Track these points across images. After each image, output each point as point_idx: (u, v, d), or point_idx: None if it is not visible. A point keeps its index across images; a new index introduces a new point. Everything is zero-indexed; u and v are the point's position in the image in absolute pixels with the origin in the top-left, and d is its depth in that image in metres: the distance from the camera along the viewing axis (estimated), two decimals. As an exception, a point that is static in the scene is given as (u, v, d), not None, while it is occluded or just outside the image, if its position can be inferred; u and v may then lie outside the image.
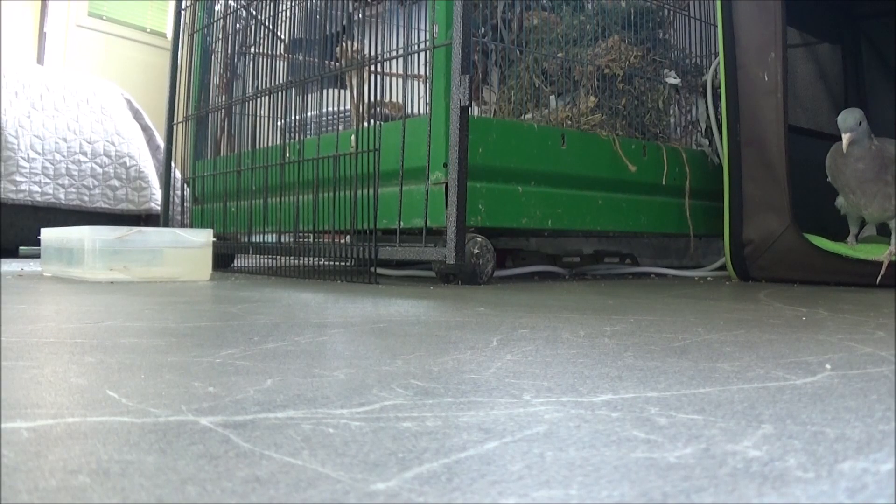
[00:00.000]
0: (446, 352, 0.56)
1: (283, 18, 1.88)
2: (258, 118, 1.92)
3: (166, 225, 2.13)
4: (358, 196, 1.45)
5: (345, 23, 1.72)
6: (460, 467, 0.28)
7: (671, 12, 1.98)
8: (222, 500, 0.24)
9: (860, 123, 1.43)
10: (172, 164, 2.18)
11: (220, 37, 2.11)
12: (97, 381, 0.43)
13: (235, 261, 2.08)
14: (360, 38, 1.59)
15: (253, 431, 0.33)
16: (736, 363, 0.52)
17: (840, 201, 1.56)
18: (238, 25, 2.02)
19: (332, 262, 2.04)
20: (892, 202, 1.46)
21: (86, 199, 2.56)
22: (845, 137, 1.41)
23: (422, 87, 1.56)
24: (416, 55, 1.52)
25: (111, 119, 2.66)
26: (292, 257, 1.68)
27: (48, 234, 1.59)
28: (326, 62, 1.72)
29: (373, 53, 1.50)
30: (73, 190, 2.54)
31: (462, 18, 1.34)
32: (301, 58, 1.75)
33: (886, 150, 1.46)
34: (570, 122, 1.66)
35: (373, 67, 1.51)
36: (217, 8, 2.13)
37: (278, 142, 1.79)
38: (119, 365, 0.49)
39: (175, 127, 2.13)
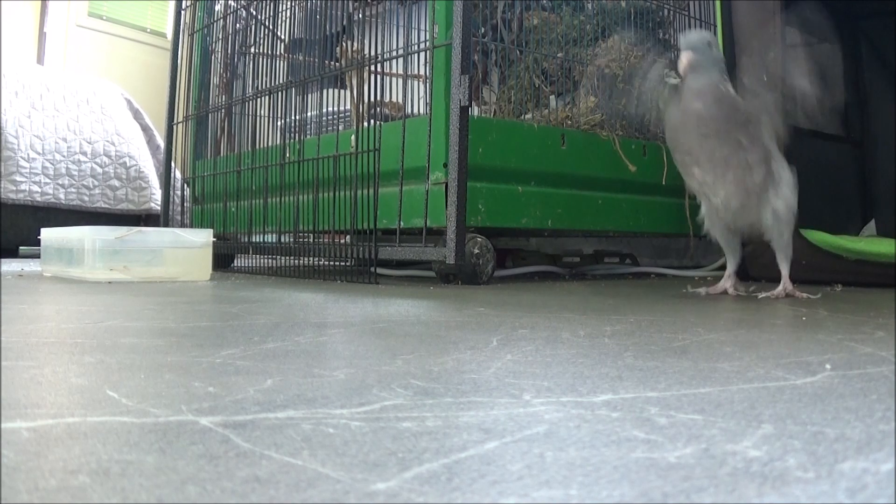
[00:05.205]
0: (446, 352, 0.56)
1: (283, 18, 1.88)
2: (258, 118, 1.92)
3: (166, 225, 2.13)
4: (358, 196, 1.45)
5: (345, 23, 1.72)
6: (460, 467, 0.28)
7: (671, 12, 1.98)
8: (222, 500, 0.24)
9: (710, 47, 1.09)
10: (172, 164, 2.18)
11: (220, 37, 2.11)
12: (97, 381, 0.43)
13: (235, 261, 2.08)
14: (360, 38, 1.59)
15: (253, 431, 0.33)
16: (736, 363, 0.52)
17: (702, 213, 1.22)
18: (238, 25, 2.02)
19: (332, 262, 2.04)
20: (748, 180, 1.07)
21: (86, 199, 2.55)
22: (684, 56, 1.07)
23: (422, 87, 1.56)
24: (416, 55, 1.52)
25: (111, 119, 2.66)
26: (292, 257, 1.68)
27: (48, 234, 1.58)
28: (326, 62, 1.72)
29: (373, 53, 1.50)
30: (73, 190, 2.54)
31: (462, 18, 1.34)
32: (301, 58, 1.75)
33: (735, 98, 1.10)
34: (570, 122, 1.66)
35: (373, 67, 1.51)
36: (217, 8, 2.13)
37: (278, 142, 1.79)
38: (119, 365, 0.49)
39: (175, 127, 2.13)
